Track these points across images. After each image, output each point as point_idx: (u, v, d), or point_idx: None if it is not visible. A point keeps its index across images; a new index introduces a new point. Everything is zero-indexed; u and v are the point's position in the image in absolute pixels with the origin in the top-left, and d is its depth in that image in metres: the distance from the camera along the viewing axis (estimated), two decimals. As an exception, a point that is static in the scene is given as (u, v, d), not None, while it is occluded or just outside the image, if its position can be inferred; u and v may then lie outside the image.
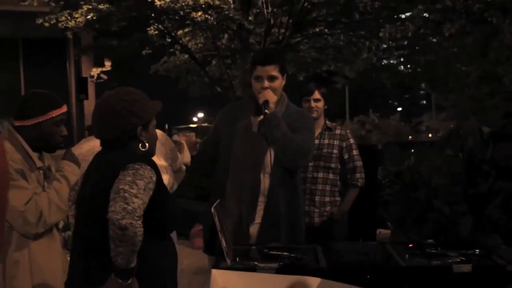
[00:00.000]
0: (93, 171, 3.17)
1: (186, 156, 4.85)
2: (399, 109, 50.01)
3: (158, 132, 4.34)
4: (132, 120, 3.12)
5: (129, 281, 2.91)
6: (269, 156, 4.48)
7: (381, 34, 13.31)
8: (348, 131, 5.99)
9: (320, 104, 5.69)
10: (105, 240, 2.92)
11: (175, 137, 4.98)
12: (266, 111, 4.40)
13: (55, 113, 3.74)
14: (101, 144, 3.22)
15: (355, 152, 5.74)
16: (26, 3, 13.53)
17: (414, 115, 42.15)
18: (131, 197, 2.86)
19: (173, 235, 4.39)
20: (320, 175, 5.64)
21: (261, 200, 4.51)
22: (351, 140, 5.79)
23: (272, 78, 4.52)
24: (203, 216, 6.20)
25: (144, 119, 3.17)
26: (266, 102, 4.43)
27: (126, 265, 2.88)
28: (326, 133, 5.69)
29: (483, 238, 4.22)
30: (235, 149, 4.58)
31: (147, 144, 3.20)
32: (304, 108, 5.50)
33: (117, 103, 3.12)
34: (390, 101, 52.63)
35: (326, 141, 5.66)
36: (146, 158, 3.11)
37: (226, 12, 12.60)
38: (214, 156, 4.77)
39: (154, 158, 3.36)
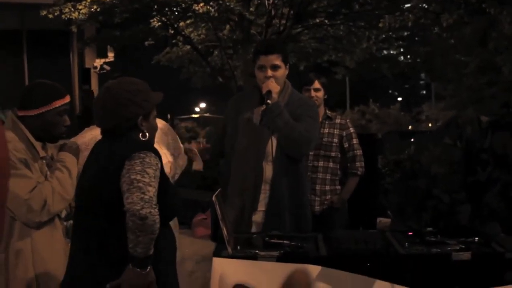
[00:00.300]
0: (93, 161, 3.20)
1: (198, 163, 4.89)
2: (399, 99, 50.00)
3: (160, 122, 4.38)
4: (134, 109, 3.15)
5: (148, 269, 2.94)
6: (271, 145, 4.53)
7: (380, 25, 13.32)
8: (348, 120, 6.01)
9: (320, 94, 5.72)
10: (110, 232, 2.98)
11: (187, 145, 5.04)
12: (268, 101, 4.44)
13: (59, 103, 3.75)
14: (102, 133, 3.24)
15: (355, 141, 5.77)
16: (30, -5, 13.57)
17: (414, 105, 42.13)
18: (145, 186, 2.91)
19: (175, 224, 4.45)
20: (321, 164, 5.67)
21: (265, 188, 4.55)
22: (351, 129, 5.81)
23: (275, 67, 4.56)
24: (211, 205, 6.25)
25: (145, 109, 3.20)
26: (269, 92, 4.47)
27: (146, 254, 2.91)
28: (326, 122, 5.71)
29: (482, 226, 4.26)
30: (237, 141, 4.64)
31: (147, 134, 3.22)
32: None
33: (119, 92, 3.15)
34: (390, 91, 52.59)
35: (326, 130, 5.68)
36: (149, 146, 3.14)
37: (228, 4, 12.61)
38: (221, 149, 4.84)
39: (156, 147, 3.41)
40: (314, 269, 3.51)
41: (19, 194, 3.50)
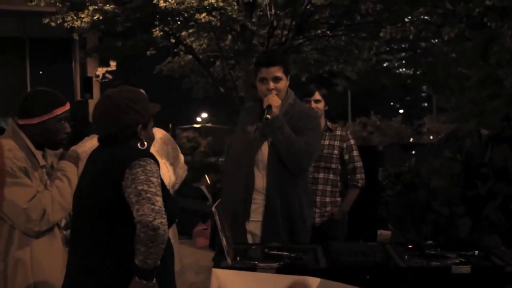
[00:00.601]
0: (90, 167, 3.20)
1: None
2: (401, 111, 49.99)
3: (160, 131, 4.39)
4: (135, 117, 3.15)
5: (154, 281, 2.94)
6: (262, 153, 4.53)
7: (381, 34, 13.33)
8: (348, 132, 6.01)
9: (321, 105, 5.73)
10: (107, 238, 2.98)
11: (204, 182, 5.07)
12: (268, 116, 4.45)
13: (60, 111, 3.76)
14: (100, 141, 3.23)
15: (355, 153, 5.77)
16: (33, 3, 13.57)
17: (416, 117, 42.11)
18: (153, 196, 2.92)
19: (174, 233, 4.44)
20: (321, 175, 5.67)
21: (261, 198, 4.55)
22: (352, 141, 5.82)
23: (276, 79, 4.56)
24: (211, 215, 6.27)
25: (145, 117, 3.21)
26: (269, 106, 4.47)
27: (154, 265, 2.92)
28: (327, 134, 5.71)
29: (482, 239, 4.25)
30: (232, 149, 4.67)
31: (145, 143, 3.22)
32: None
33: (121, 100, 3.15)
34: (391, 103, 52.60)
35: (326, 142, 5.69)
36: (147, 153, 3.14)
37: (230, 13, 12.63)
38: None
39: (156, 157, 3.41)
40: (313, 281, 3.50)
41: (18, 203, 3.50)
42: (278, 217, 4.49)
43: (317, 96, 5.70)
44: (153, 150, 4.08)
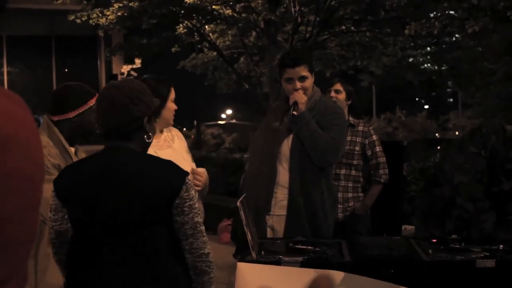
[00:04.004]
0: (116, 179, 2.94)
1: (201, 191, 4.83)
2: (426, 106, 49.65)
3: (174, 129, 4.38)
4: (144, 108, 3.05)
5: None
6: (287, 147, 4.57)
7: (406, 31, 13.28)
8: (371, 128, 5.99)
9: (341, 96, 5.72)
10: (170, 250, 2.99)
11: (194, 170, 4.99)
12: (294, 112, 4.49)
13: (93, 101, 3.80)
14: (107, 134, 3.06)
15: (378, 148, 5.77)
16: (59, 1, 13.69)
17: (441, 113, 41.81)
18: (202, 226, 3.04)
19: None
20: (343, 171, 5.68)
21: (283, 192, 4.58)
22: (374, 137, 5.81)
23: (302, 78, 4.60)
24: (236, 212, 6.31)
25: (151, 109, 3.13)
26: (295, 103, 4.52)
27: None
28: (349, 129, 5.66)
29: (506, 234, 4.25)
30: (255, 144, 4.71)
31: (151, 135, 3.14)
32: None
33: (129, 91, 3.05)
34: (417, 99, 52.27)
35: (348, 138, 5.63)
36: (180, 168, 3.06)
37: (253, 5, 12.67)
38: None
39: (181, 153, 3.44)
40: (338, 275, 3.52)
41: (50, 199, 3.56)
42: (301, 211, 4.52)
43: (337, 86, 5.71)
44: (173, 149, 4.10)
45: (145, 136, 3.09)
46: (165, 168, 3.00)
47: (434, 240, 4.13)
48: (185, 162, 4.09)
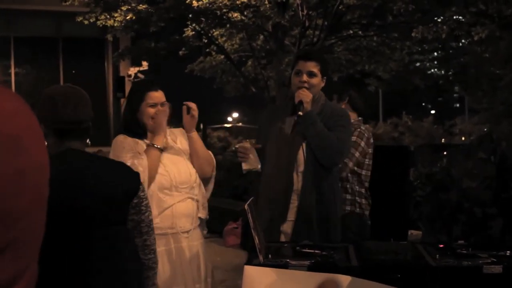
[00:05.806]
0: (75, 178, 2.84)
1: (251, 163, 4.76)
2: (432, 111, 49.61)
3: (176, 129, 4.37)
4: (91, 111, 2.96)
5: None
6: (302, 154, 4.56)
7: (413, 34, 13.28)
8: (359, 129, 5.68)
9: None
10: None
11: (241, 145, 4.96)
12: (300, 112, 4.48)
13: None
14: (64, 132, 2.88)
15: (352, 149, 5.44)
16: (67, 3, 13.72)
17: (447, 118, 41.81)
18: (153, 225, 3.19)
19: (202, 232, 4.40)
20: None
21: (294, 198, 4.57)
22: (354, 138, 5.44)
23: (311, 74, 4.60)
24: (242, 214, 6.28)
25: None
26: (301, 102, 4.51)
27: None
28: None
29: (513, 240, 4.24)
30: (268, 150, 4.68)
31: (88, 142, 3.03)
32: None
33: (83, 93, 2.95)
34: (423, 104, 52.23)
35: None
36: (131, 168, 3.19)
37: (262, 9, 12.68)
38: None
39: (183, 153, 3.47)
40: (344, 279, 3.52)
41: None
42: (312, 217, 4.52)
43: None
44: (176, 150, 4.10)
45: (88, 140, 3.00)
46: (120, 170, 3.03)
47: (441, 246, 4.12)
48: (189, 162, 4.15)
